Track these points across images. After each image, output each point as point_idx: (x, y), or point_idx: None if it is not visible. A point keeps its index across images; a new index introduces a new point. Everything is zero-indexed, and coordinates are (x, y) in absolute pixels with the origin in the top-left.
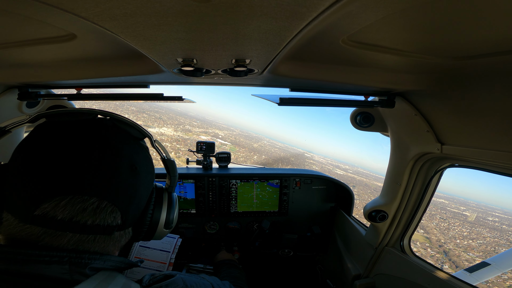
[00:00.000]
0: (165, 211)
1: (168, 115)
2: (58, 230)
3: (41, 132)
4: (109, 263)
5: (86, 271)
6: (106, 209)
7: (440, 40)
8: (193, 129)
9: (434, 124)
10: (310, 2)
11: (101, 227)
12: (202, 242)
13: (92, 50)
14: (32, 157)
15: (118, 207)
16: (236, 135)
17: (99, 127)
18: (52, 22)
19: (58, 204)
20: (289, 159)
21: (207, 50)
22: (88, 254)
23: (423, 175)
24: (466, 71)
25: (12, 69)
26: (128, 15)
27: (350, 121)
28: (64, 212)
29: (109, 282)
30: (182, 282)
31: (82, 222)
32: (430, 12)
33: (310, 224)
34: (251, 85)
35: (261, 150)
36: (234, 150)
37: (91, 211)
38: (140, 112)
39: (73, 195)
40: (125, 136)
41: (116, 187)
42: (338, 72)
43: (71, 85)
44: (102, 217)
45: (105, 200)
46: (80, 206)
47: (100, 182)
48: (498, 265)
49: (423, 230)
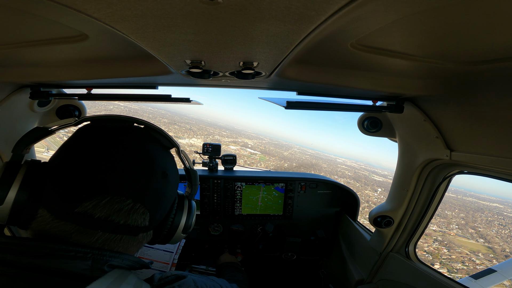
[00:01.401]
0: (185, 216)
1: (198, 126)
2: (91, 228)
3: (85, 135)
4: (126, 262)
5: (105, 268)
6: (138, 211)
7: (451, 45)
8: (223, 139)
9: (443, 130)
10: (319, 6)
11: (130, 228)
12: (206, 243)
13: (103, 50)
14: (76, 157)
15: (148, 210)
16: (265, 144)
17: (137, 135)
18: (65, 22)
19: (98, 203)
20: (321, 166)
21: (215, 52)
22: (109, 252)
23: (431, 181)
24: (477, 76)
25: (25, 69)
26: (138, 16)
27: (358, 126)
28: (102, 211)
29: (123, 280)
30: (193, 283)
31: (115, 222)
32: (441, 16)
33: (314, 228)
34: (258, 88)
35: (291, 158)
36: (264, 159)
37: (125, 211)
38: (171, 124)
39: (112, 196)
40: (158, 145)
41: (149, 191)
42: (346, 76)
43: (82, 85)
44: (133, 218)
45: (138, 202)
46: (117, 206)
47: (136, 185)
48: (504, 272)
49: (482, 239)
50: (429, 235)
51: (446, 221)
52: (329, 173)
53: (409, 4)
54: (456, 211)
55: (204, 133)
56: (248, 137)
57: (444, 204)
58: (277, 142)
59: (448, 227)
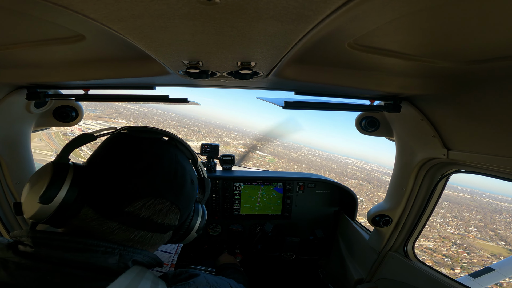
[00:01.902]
0: (200, 218)
1: (207, 129)
2: (133, 227)
3: (127, 144)
4: (147, 258)
5: (129, 263)
6: (173, 211)
7: (448, 44)
8: (231, 142)
9: (440, 129)
10: (316, 6)
11: (164, 226)
12: (205, 244)
13: (100, 51)
14: (123, 163)
15: (180, 211)
16: (274, 146)
17: (169, 147)
18: (62, 23)
19: (145, 204)
20: (331, 167)
21: (213, 52)
22: (132, 248)
23: (429, 180)
24: (474, 75)
25: (21, 69)
26: (136, 17)
27: (355, 126)
28: (147, 211)
29: (142, 276)
30: (205, 280)
31: (155, 220)
32: (438, 15)
33: (313, 228)
34: (256, 88)
35: (301, 160)
36: (273, 161)
37: (165, 212)
38: (180, 127)
39: (155, 198)
40: (184, 156)
41: (182, 195)
42: (344, 76)
43: (79, 85)
44: (169, 218)
45: (174, 204)
46: (160, 207)
47: (174, 190)
48: (502, 270)
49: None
50: (447, 238)
51: (464, 223)
52: (339, 174)
53: (405, 4)
54: (474, 212)
55: (213, 135)
56: (256, 139)
57: (460, 205)
58: (286, 144)
59: (467, 229)
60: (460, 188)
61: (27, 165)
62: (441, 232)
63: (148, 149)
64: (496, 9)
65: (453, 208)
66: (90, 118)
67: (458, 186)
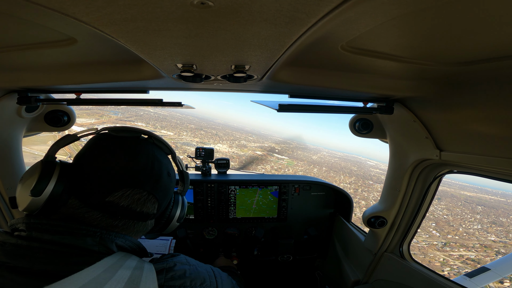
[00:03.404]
0: (179, 208)
1: (225, 131)
2: (114, 214)
3: (108, 142)
4: (128, 243)
5: (113, 246)
6: (151, 200)
7: (438, 46)
8: (249, 144)
9: (432, 131)
10: (309, 8)
11: (143, 214)
12: (200, 247)
13: (93, 54)
14: (104, 159)
15: (158, 200)
16: (293, 148)
17: (147, 144)
18: (53, 26)
19: (124, 194)
20: (351, 168)
21: (207, 55)
22: (114, 232)
23: (422, 181)
24: (464, 77)
25: (12, 73)
26: (128, 20)
27: (349, 128)
28: (126, 200)
29: (128, 258)
30: (185, 259)
31: (134, 209)
32: (429, 18)
33: (306, 228)
34: (251, 91)
35: (320, 162)
36: (292, 164)
37: (142, 201)
38: (198, 130)
39: (133, 188)
40: (161, 151)
41: (160, 186)
42: (337, 78)
43: (71, 89)
44: (147, 206)
45: (151, 194)
46: (137, 197)
47: (151, 181)
48: (497, 270)
49: None
50: (489, 247)
51: (503, 230)
52: (362, 177)
53: (396, 6)
54: (511, 217)
55: (230, 138)
56: (275, 141)
57: (496, 210)
58: (305, 146)
59: (508, 236)
60: (491, 191)
61: (18, 170)
62: (482, 240)
63: (125, 146)
64: (484, 12)
65: (489, 213)
66: (111, 121)
67: (489, 189)
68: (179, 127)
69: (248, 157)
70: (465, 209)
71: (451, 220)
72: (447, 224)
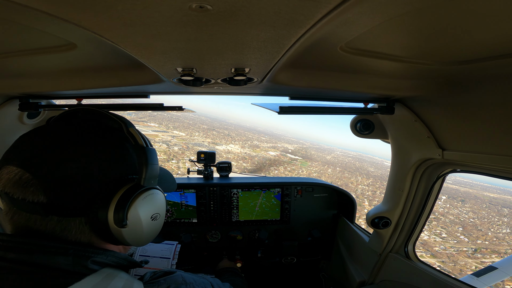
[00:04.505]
0: (112, 206)
1: (237, 132)
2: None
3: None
4: (112, 258)
5: (88, 264)
6: (29, 183)
7: (437, 45)
8: (261, 145)
9: (434, 130)
10: (308, 10)
11: (30, 203)
12: (204, 251)
13: (92, 59)
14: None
15: (40, 183)
16: (306, 148)
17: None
18: (52, 31)
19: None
20: (367, 169)
21: (207, 59)
22: (92, 248)
23: (425, 181)
24: (465, 75)
25: (13, 80)
26: (127, 25)
27: (350, 129)
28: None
29: (113, 278)
30: (181, 278)
31: (13, 196)
32: (425, 17)
33: (310, 230)
34: (251, 94)
35: (334, 162)
36: (305, 164)
37: (20, 184)
38: (210, 130)
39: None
40: (85, 129)
41: (46, 167)
42: (337, 79)
43: (72, 95)
44: (29, 192)
45: (29, 173)
46: (14, 178)
47: (34, 160)
48: (505, 269)
49: None
50: None
51: None
52: (380, 178)
53: (393, 6)
54: None
55: (242, 138)
56: (288, 141)
57: None
58: (319, 146)
59: None
60: None
61: None
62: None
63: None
64: (483, 9)
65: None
66: None
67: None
68: (191, 127)
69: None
70: (491, 211)
71: (479, 224)
72: (475, 229)
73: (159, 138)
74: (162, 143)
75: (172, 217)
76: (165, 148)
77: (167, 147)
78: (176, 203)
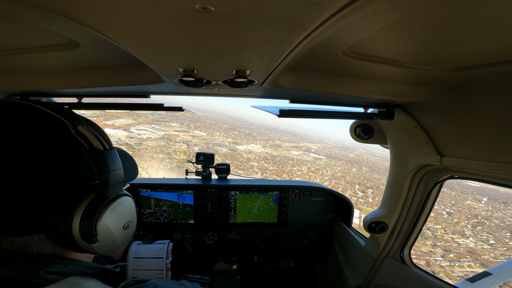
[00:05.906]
0: (77, 217)
1: (258, 131)
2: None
3: None
4: (73, 267)
5: (40, 274)
6: None
7: (438, 51)
8: (283, 144)
9: (433, 136)
10: (310, 14)
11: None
12: (200, 252)
13: (95, 58)
14: None
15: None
16: (330, 148)
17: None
18: (56, 29)
19: None
20: None
21: (208, 60)
22: (45, 257)
23: (423, 186)
24: (465, 82)
25: (14, 77)
26: (131, 24)
27: (350, 133)
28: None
29: (81, 285)
30: (153, 286)
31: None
32: (428, 23)
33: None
34: (251, 96)
35: (359, 161)
36: (329, 164)
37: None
38: (231, 130)
39: None
40: (13, 133)
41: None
42: (338, 84)
43: (73, 93)
44: None
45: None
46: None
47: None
48: (499, 274)
49: None
50: None
51: None
52: None
53: (396, 11)
54: None
55: (263, 138)
56: (310, 141)
57: None
58: (342, 145)
59: None
60: None
61: None
62: None
63: None
64: (483, 16)
65: None
66: (147, 121)
67: None
68: (212, 127)
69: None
70: None
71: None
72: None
73: (180, 138)
74: (182, 143)
75: (169, 217)
76: (185, 148)
77: (187, 147)
78: (173, 203)
